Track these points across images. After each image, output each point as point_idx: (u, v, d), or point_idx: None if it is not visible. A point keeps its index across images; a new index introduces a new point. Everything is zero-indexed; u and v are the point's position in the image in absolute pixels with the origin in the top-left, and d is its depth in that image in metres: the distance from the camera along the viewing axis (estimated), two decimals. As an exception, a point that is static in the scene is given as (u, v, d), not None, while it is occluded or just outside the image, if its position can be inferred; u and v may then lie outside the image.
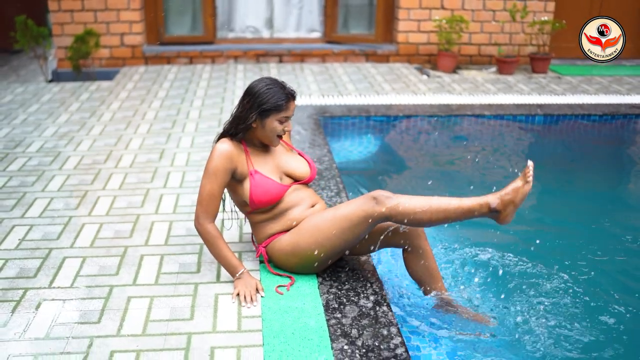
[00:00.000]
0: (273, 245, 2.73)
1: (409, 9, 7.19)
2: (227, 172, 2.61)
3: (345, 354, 2.28)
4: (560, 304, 2.90)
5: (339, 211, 2.62)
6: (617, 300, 3.00)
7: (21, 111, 5.27)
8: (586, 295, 2.97)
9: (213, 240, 2.62)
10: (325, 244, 2.63)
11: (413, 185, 4.51)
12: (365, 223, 2.57)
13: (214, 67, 7.03)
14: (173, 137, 4.65)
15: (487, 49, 7.39)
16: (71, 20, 6.72)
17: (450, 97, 6.01)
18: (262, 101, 2.60)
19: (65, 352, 2.24)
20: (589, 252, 3.46)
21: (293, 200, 2.74)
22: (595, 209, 4.28)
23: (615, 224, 3.98)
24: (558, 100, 6.01)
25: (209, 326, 2.41)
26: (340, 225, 2.60)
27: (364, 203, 2.56)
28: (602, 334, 2.72)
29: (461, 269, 3.16)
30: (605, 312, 2.88)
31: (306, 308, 2.55)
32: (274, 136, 2.68)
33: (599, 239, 3.71)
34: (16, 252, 2.94)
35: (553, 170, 4.97)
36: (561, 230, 3.85)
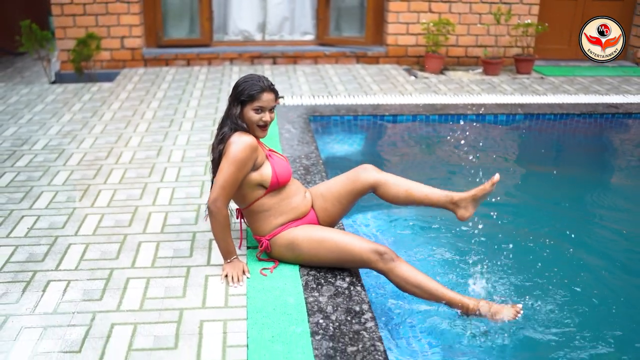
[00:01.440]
0: (276, 241, 2.96)
1: (398, 13, 7.48)
2: (252, 162, 2.84)
3: (319, 327, 2.56)
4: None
5: (345, 240, 2.87)
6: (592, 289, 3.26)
7: (27, 111, 5.56)
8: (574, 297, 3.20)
9: (224, 222, 2.84)
10: (321, 259, 2.93)
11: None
12: (360, 264, 2.88)
13: (210, 69, 7.32)
14: (170, 135, 4.94)
15: (474, 51, 7.67)
16: (73, 24, 7.01)
17: (435, 97, 6.29)
18: (239, 92, 2.88)
19: (71, 325, 2.53)
20: (566, 242, 3.73)
21: (292, 190, 3.02)
22: (567, 198, 4.55)
23: (588, 213, 4.26)
24: (539, 100, 6.29)
25: (199, 302, 2.70)
26: (340, 253, 2.87)
27: (370, 252, 2.80)
28: (596, 329, 2.93)
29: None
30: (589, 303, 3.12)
31: (287, 287, 2.84)
32: (254, 126, 2.89)
33: (573, 227, 3.98)
34: (25, 239, 3.23)
35: (531, 167, 5.25)
36: (534, 219, 4.13)
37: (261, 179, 2.90)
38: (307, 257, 2.94)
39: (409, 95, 6.32)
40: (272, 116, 2.93)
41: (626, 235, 3.97)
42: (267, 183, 2.91)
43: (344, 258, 2.89)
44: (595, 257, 3.66)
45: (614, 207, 4.51)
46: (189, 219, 3.49)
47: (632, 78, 7.36)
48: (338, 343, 2.46)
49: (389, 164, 5.12)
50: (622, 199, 4.71)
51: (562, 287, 3.23)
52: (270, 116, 2.91)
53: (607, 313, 3.10)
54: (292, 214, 3.00)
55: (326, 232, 2.94)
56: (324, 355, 2.38)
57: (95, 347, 2.40)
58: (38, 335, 2.47)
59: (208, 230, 3.33)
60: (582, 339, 2.85)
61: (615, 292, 3.29)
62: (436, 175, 4.92)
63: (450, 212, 3.02)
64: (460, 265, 3.43)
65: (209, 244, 3.20)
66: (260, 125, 2.90)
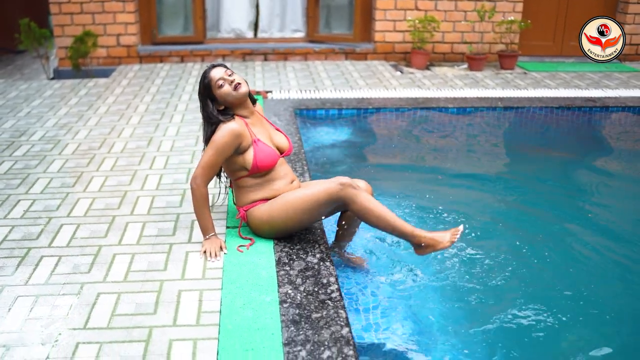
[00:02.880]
0: (252, 212, 3.21)
1: (385, 10, 7.72)
2: (232, 148, 3.07)
3: (288, 296, 2.80)
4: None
5: (308, 191, 3.12)
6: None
7: (25, 105, 5.81)
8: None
9: (202, 200, 3.11)
10: (294, 218, 3.15)
11: (375, 169, 5.03)
12: (328, 204, 3.10)
13: (203, 65, 7.57)
14: (161, 126, 5.19)
15: (460, 47, 7.90)
16: (71, 22, 7.27)
17: (419, 91, 6.53)
18: (200, 92, 3.15)
19: (61, 294, 2.77)
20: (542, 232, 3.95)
21: (279, 173, 3.24)
22: (538, 186, 4.79)
23: (562, 203, 4.48)
24: (519, 94, 6.52)
25: (179, 275, 2.94)
26: (308, 203, 3.11)
27: (330, 186, 3.05)
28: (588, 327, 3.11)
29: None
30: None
31: (261, 262, 3.08)
32: (233, 96, 3.09)
33: (548, 217, 4.21)
34: (21, 220, 3.48)
35: (508, 155, 5.49)
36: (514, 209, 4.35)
37: (243, 163, 3.14)
38: (282, 223, 3.15)
39: (394, 90, 6.55)
40: (236, 76, 3.12)
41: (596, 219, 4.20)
42: (248, 167, 3.14)
43: (312, 206, 3.07)
44: (567, 244, 3.85)
45: (587, 191, 4.75)
46: (174, 202, 3.73)
47: (613, 74, 7.59)
48: (304, 310, 2.70)
49: (370, 154, 5.36)
50: (596, 184, 4.95)
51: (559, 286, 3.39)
52: (231, 78, 3.09)
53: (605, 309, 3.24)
54: (271, 194, 3.22)
55: (290, 193, 3.15)
56: (290, 320, 2.62)
57: (81, 312, 2.64)
58: (31, 302, 2.71)
59: (190, 212, 3.57)
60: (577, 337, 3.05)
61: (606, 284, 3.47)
62: (414, 164, 5.17)
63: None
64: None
65: (191, 224, 3.44)
66: (234, 88, 3.09)
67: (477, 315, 3.10)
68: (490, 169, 5.12)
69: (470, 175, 4.89)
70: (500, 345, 2.89)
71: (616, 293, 3.36)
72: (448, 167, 5.09)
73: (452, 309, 3.14)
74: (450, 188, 4.55)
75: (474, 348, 2.89)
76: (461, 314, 3.11)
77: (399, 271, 3.41)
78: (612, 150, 5.86)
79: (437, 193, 4.46)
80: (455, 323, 3.04)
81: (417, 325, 3.00)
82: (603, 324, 3.07)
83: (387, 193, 4.41)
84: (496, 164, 5.22)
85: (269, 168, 3.18)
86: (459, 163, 5.20)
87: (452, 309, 3.14)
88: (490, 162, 5.28)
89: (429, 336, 2.95)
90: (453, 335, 2.95)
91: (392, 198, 4.33)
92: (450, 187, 4.59)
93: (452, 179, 4.79)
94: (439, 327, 3.01)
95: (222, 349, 2.43)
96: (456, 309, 3.14)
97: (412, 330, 2.98)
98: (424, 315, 3.06)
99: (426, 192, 4.45)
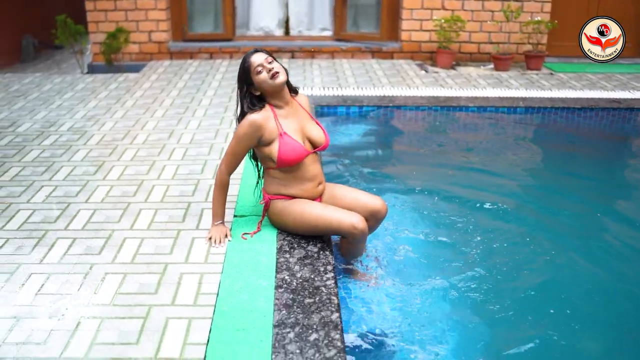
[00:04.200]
0: (275, 203, 3.30)
1: (411, 9, 7.76)
2: (252, 138, 3.11)
3: (284, 282, 2.92)
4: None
5: (324, 212, 3.15)
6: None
7: (57, 98, 6.07)
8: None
9: (219, 186, 3.22)
10: (302, 227, 3.25)
11: (393, 164, 5.12)
12: (335, 232, 3.20)
13: (231, 62, 7.75)
14: (184, 120, 5.37)
15: (486, 47, 7.89)
16: (105, 19, 7.54)
17: (441, 90, 6.56)
18: (239, 75, 3.15)
19: (72, 273, 2.95)
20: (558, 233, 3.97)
21: (308, 173, 3.23)
22: (554, 184, 4.79)
23: (584, 202, 4.46)
24: (542, 94, 6.49)
25: (183, 259, 3.09)
26: (319, 223, 3.17)
27: (344, 223, 3.09)
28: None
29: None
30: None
31: (262, 249, 3.20)
32: (269, 83, 3.06)
33: (568, 216, 4.22)
34: (42, 204, 3.68)
35: (522, 155, 5.49)
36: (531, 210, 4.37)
37: (270, 154, 3.16)
38: (291, 225, 3.27)
39: (416, 88, 6.60)
40: (275, 64, 3.09)
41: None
42: (275, 159, 3.16)
43: (321, 227, 3.18)
44: (585, 246, 3.85)
45: (608, 194, 4.72)
46: (187, 191, 3.89)
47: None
48: (298, 295, 2.81)
49: (387, 151, 5.43)
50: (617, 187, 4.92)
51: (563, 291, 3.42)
52: (270, 65, 3.07)
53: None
54: (297, 193, 3.27)
55: (309, 205, 3.22)
56: (283, 304, 2.74)
57: (88, 290, 2.81)
58: (43, 280, 2.90)
59: (202, 201, 3.73)
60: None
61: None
62: (430, 160, 5.23)
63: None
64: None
65: (200, 212, 3.59)
66: (271, 77, 3.06)
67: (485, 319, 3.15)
68: (504, 168, 5.13)
69: (483, 172, 4.92)
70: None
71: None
72: (461, 164, 5.14)
73: (457, 314, 3.20)
74: (460, 187, 4.59)
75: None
76: (464, 316, 3.17)
77: (404, 275, 3.47)
78: (632, 153, 5.81)
79: (449, 190, 4.52)
80: (458, 325, 3.10)
81: (425, 327, 3.07)
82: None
83: (399, 189, 4.50)
84: (510, 163, 5.23)
85: (294, 163, 3.17)
86: (473, 161, 5.24)
87: (458, 314, 3.20)
88: (504, 160, 5.30)
89: (433, 336, 3.02)
90: (457, 339, 3.01)
91: (404, 194, 4.41)
92: (461, 186, 4.64)
93: (465, 176, 4.84)
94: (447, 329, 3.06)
95: (214, 327, 2.56)
96: (459, 312, 3.20)
97: (416, 332, 3.04)
98: (434, 318, 3.13)
99: (439, 189, 4.51)
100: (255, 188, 3.57)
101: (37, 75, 7.05)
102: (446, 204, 4.25)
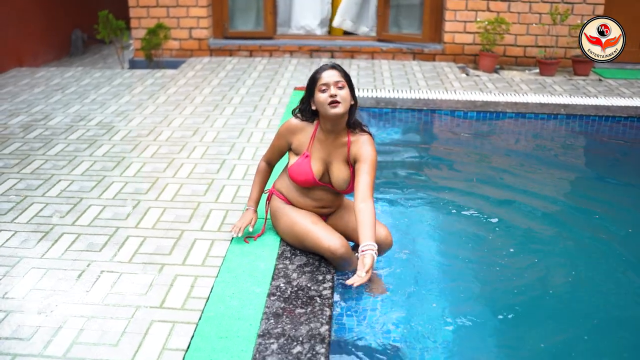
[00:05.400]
0: (275, 200, 3.23)
1: (455, 11, 7.54)
2: (283, 139, 3.12)
3: (278, 290, 2.84)
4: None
5: (310, 228, 3.03)
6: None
7: (93, 92, 6.17)
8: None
9: (257, 171, 3.28)
10: (285, 233, 3.16)
11: (417, 169, 4.96)
12: (313, 250, 3.07)
13: (270, 60, 7.72)
14: (211, 118, 5.36)
15: (533, 51, 7.59)
16: (147, 15, 7.64)
17: (479, 94, 6.34)
18: (308, 82, 3.01)
19: (69, 269, 2.95)
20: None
21: (315, 196, 3.12)
22: (597, 202, 4.52)
23: (625, 220, 4.19)
24: (586, 102, 6.18)
25: (181, 260, 3.05)
26: (301, 236, 3.06)
27: (323, 246, 2.97)
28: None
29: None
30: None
31: (263, 254, 3.13)
32: (325, 107, 2.88)
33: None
34: (56, 199, 3.72)
35: (561, 164, 5.23)
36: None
37: (290, 161, 3.13)
38: (279, 228, 3.20)
39: (453, 92, 6.41)
40: (342, 93, 2.88)
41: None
42: (288, 167, 3.15)
43: (306, 244, 3.07)
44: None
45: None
46: (199, 190, 3.86)
47: (702, 84, 7.03)
48: (290, 304, 2.73)
49: (414, 155, 5.27)
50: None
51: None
52: (336, 90, 2.87)
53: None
54: (295, 202, 3.16)
55: (299, 217, 3.09)
56: (272, 313, 2.66)
57: (81, 288, 2.81)
58: (42, 274, 2.91)
59: (212, 201, 3.70)
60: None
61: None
62: (458, 167, 5.05)
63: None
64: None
65: (208, 213, 3.55)
66: (330, 102, 2.88)
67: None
68: (534, 175, 4.90)
69: (510, 181, 4.71)
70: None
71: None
72: (488, 171, 4.94)
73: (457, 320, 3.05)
74: (484, 198, 4.40)
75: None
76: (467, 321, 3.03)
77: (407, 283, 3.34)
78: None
79: (474, 196, 4.35)
80: (459, 333, 2.96)
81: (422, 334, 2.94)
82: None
83: (419, 195, 4.35)
84: (542, 174, 4.98)
85: (298, 184, 3.10)
86: (501, 169, 5.02)
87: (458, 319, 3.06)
88: (535, 169, 5.05)
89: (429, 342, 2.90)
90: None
91: (424, 200, 4.26)
92: (486, 197, 4.45)
93: (490, 186, 4.64)
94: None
95: (197, 334, 2.51)
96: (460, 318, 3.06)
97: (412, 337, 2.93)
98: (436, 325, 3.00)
99: (462, 198, 4.34)
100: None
101: (79, 70, 7.20)
102: (468, 215, 4.08)
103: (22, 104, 5.71)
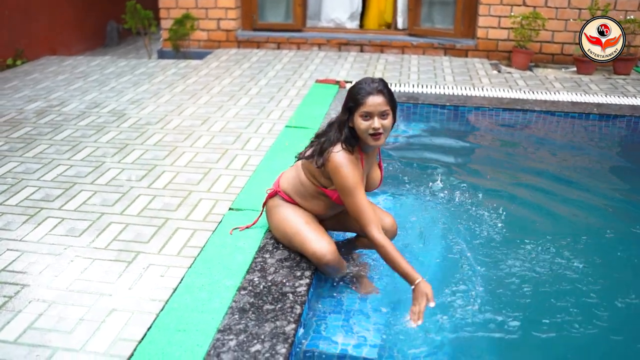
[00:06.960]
0: (275, 199, 3.00)
1: (489, 5, 7.25)
2: (357, 170, 2.65)
3: (251, 284, 2.71)
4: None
5: (302, 228, 2.83)
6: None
7: (114, 81, 6.19)
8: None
9: (389, 246, 2.60)
10: (276, 235, 2.99)
11: (435, 166, 4.76)
12: (301, 251, 2.88)
13: (297, 53, 7.60)
14: (223, 108, 5.28)
15: (571, 48, 7.23)
16: (175, 6, 7.63)
17: (508, 92, 6.07)
18: (348, 98, 2.63)
19: (46, 253, 2.90)
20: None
21: (326, 206, 2.90)
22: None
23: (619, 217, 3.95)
24: (622, 102, 5.83)
25: (157, 249, 2.96)
26: (292, 236, 2.87)
27: (314, 253, 2.75)
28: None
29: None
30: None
31: (244, 247, 3.01)
32: (364, 135, 2.59)
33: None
34: (50, 183, 3.70)
35: (588, 165, 4.93)
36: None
37: (328, 185, 2.79)
38: (272, 227, 3.02)
39: (481, 89, 6.15)
40: (386, 123, 2.58)
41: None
42: (330, 189, 2.79)
43: (296, 245, 2.88)
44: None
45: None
46: (193, 179, 3.77)
47: None
48: (259, 300, 2.60)
49: (430, 152, 5.06)
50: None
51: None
52: (380, 122, 2.56)
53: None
54: (302, 205, 2.95)
55: (295, 219, 2.89)
56: (239, 308, 2.53)
57: (50, 273, 2.75)
58: (16, 256, 2.87)
59: (203, 191, 3.61)
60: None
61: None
62: (475, 166, 4.82)
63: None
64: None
65: (197, 202, 3.46)
66: (371, 133, 2.58)
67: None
68: (559, 175, 4.62)
69: (536, 178, 4.45)
70: None
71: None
72: (510, 171, 4.68)
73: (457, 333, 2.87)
74: (500, 199, 4.16)
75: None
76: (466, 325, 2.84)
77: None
78: None
79: (494, 197, 4.12)
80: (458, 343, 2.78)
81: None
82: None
83: (435, 193, 4.16)
84: (558, 171, 4.69)
85: (333, 202, 2.85)
86: (517, 166, 4.76)
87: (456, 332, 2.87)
88: (552, 168, 4.76)
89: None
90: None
91: (439, 199, 4.07)
92: (503, 197, 4.21)
93: (513, 184, 4.40)
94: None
95: (155, 325, 2.41)
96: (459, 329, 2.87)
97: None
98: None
99: (481, 197, 4.11)
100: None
101: (105, 59, 7.25)
102: (475, 214, 3.86)
103: (42, 91, 5.76)
